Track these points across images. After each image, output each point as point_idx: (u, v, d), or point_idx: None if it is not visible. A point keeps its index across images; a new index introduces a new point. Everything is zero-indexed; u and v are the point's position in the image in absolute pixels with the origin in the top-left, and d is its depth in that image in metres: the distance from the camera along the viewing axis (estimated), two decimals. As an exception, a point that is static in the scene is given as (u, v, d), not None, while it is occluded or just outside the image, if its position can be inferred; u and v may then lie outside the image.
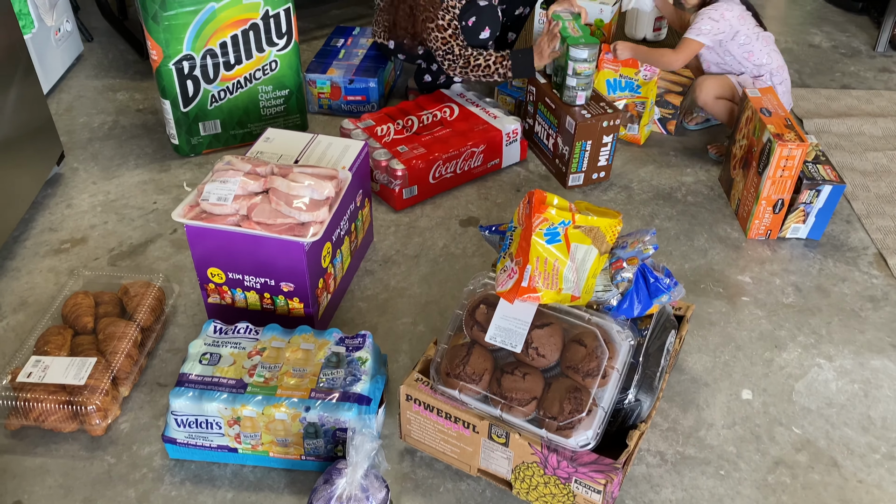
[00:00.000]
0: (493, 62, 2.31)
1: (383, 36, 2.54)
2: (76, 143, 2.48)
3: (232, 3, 2.19)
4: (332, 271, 1.79)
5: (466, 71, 2.34)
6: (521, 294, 1.37)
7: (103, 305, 1.77)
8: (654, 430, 1.60)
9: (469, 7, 2.36)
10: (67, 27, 2.82)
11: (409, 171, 2.15)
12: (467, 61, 2.32)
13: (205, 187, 1.61)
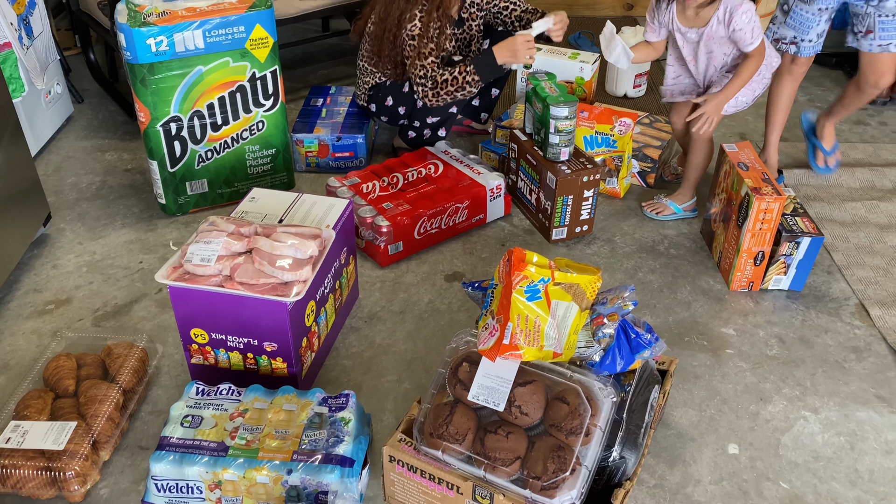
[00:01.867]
0: (458, 73, 2.35)
1: (364, 98, 2.60)
2: (64, 203, 2.49)
3: (219, 66, 2.24)
4: (316, 330, 1.78)
5: (438, 91, 2.37)
6: (502, 352, 1.37)
7: (85, 367, 1.76)
8: (641, 487, 1.59)
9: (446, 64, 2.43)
10: (58, 90, 2.86)
11: (394, 228, 2.17)
12: (435, 81, 2.36)
13: (188, 248, 1.62)
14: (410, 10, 2.34)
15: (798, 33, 2.30)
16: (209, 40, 2.18)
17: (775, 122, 2.52)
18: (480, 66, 2.35)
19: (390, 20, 2.38)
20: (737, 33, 2.10)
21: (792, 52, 2.35)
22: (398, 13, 2.36)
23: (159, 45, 2.12)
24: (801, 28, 2.29)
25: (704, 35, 2.16)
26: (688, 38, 2.20)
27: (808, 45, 2.33)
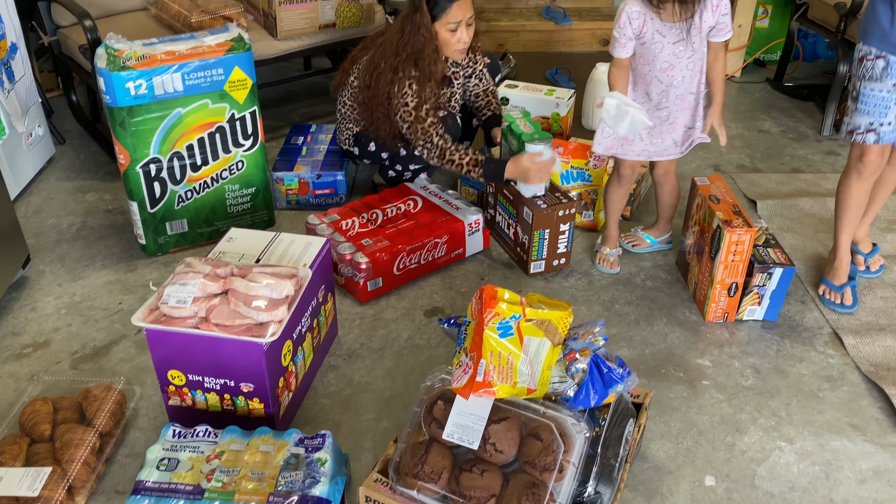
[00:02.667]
0: (466, 163, 2.33)
1: (348, 143, 2.64)
2: (44, 245, 2.50)
3: (198, 107, 2.27)
4: (294, 369, 1.79)
5: (443, 161, 2.38)
6: (476, 389, 1.39)
7: (62, 411, 1.76)
8: (619, 522, 1.59)
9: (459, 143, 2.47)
10: (39, 132, 2.88)
11: (373, 264, 2.18)
12: (443, 153, 2.36)
13: (164, 290, 1.63)
14: (399, 85, 2.36)
15: (874, 118, 1.98)
16: (188, 83, 2.22)
17: (846, 223, 2.18)
18: (489, 171, 2.31)
19: (381, 95, 2.40)
20: (724, 18, 1.99)
21: (871, 141, 2.00)
22: (387, 88, 2.37)
23: (138, 89, 2.15)
24: (876, 111, 1.97)
25: (692, 28, 1.98)
26: (668, 38, 1.99)
27: (888, 130, 1.98)
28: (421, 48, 2.32)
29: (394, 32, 2.37)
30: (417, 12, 2.30)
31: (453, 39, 2.36)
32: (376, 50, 2.43)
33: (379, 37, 2.49)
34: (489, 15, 4.16)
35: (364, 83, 2.46)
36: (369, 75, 2.43)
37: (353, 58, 2.57)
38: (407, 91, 2.36)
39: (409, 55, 2.34)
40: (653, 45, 2.02)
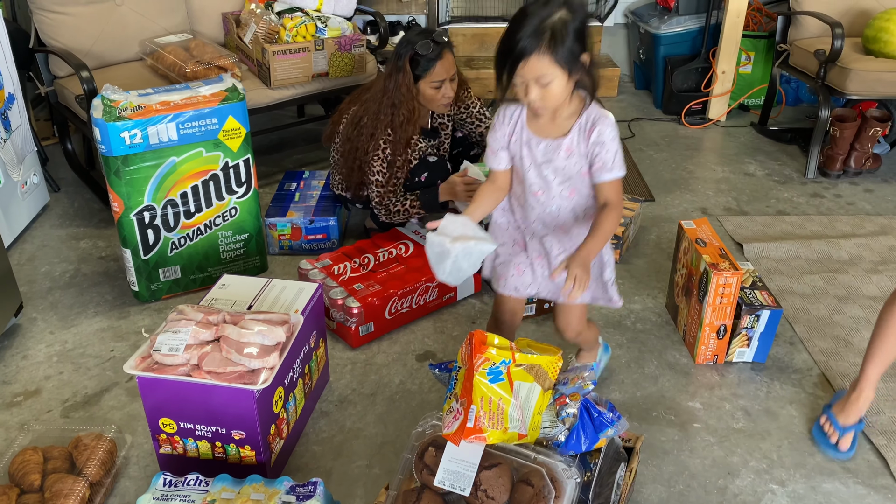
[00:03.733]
0: (408, 206, 2.53)
1: (341, 188, 2.69)
2: (36, 292, 2.51)
3: (192, 156, 2.31)
4: (285, 416, 1.79)
5: (391, 216, 2.56)
6: (467, 435, 1.39)
7: (52, 461, 1.75)
8: (613, 568, 1.58)
9: (421, 164, 2.54)
10: (34, 180, 2.91)
11: (364, 309, 2.20)
12: (388, 209, 2.54)
13: (157, 338, 1.64)
14: (374, 144, 2.45)
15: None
16: (182, 132, 2.26)
17: (879, 352, 1.82)
18: (426, 201, 2.53)
19: (359, 149, 2.50)
20: (598, 147, 1.59)
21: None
22: (365, 144, 2.48)
23: (133, 138, 2.19)
24: None
25: (563, 148, 1.62)
26: (537, 154, 1.64)
27: None
28: (401, 106, 2.40)
29: (377, 91, 2.45)
30: (401, 72, 2.37)
31: (438, 95, 2.44)
32: (360, 105, 2.51)
33: (365, 92, 2.57)
34: (478, 63, 4.25)
35: (345, 135, 2.55)
36: (352, 127, 2.52)
37: (341, 110, 2.64)
38: (378, 154, 2.46)
39: (389, 114, 2.42)
40: (521, 161, 1.67)
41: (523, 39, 1.47)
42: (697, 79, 3.92)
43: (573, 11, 1.49)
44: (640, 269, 2.64)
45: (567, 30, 1.48)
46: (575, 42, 1.49)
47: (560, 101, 1.55)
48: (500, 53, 1.54)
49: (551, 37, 1.47)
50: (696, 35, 3.94)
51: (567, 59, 1.49)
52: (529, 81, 1.51)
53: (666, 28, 3.91)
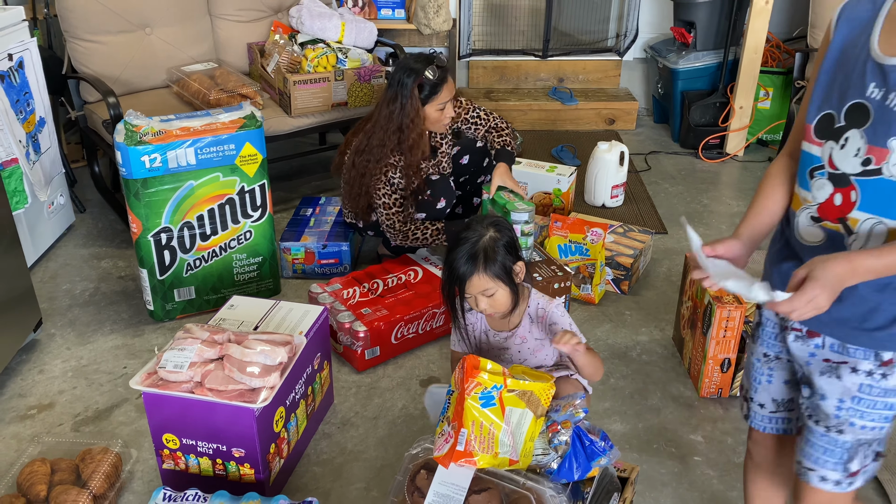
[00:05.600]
0: (429, 235, 2.59)
1: (351, 216, 2.74)
2: (56, 309, 2.58)
3: (210, 180, 2.38)
4: (286, 436, 1.82)
5: (406, 243, 2.60)
6: (456, 458, 1.41)
7: (59, 473, 1.80)
8: None
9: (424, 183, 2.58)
10: (61, 200, 3.01)
11: (370, 333, 2.23)
12: (406, 236, 2.59)
13: (163, 355, 1.69)
14: (377, 172, 2.51)
15: (748, 383, 1.48)
16: (201, 157, 2.33)
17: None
18: (451, 234, 2.55)
19: (366, 175, 2.54)
20: (555, 327, 1.76)
21: (743, 414, 1.50)
22: (371, 168, 2.52)
23: (153, 162, 2.27)
24: (749, 377, 1.47)
25: (517, 337, 1.80)
26: (493, 343, 1.83)
27: (757, 411, 1.45)
28: (409, 132, 2.47)
29: (381, 118, 2.50)
30: (408, 99, 2.44)
31: (441, 116, 2.52)
32: (363, 135, 2.57)
33: (366, 122, 2.62)
34: (498, 95, 4.31)
35: (350, 163, 2.60)
36: (356, 155, 2.57)
37: (347, 140, 2.70)
38: (382, 179, 2.52)
39: (396, 140, 2.49)
40: (482, 345, 1.86)
41: (462, 265, 1.68)
42: (715, 113, 3.93)
43: (500, 230, 1.72)
44: (648, 301, 2.65)
45: (497, 247, 1.69)
46: (507, 255, 1.70)
47: (507, 304, 1.73)
48: (445, 280, 1.74)
49: (485, 257, 1.67)
50: (714, 70, 3.97)
51: (503, 272, 1.69)
52: (476, 295, 1.71)
53: (684, 63, 3.94)
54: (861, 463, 1.30)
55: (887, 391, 1.24)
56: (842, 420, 1.27)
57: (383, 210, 2.55)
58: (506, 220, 2.05)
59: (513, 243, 1.74)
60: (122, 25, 3.06)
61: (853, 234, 1.19)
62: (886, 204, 1.16)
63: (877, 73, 1.15)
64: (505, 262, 1.70)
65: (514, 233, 1.78)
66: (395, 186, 2.53)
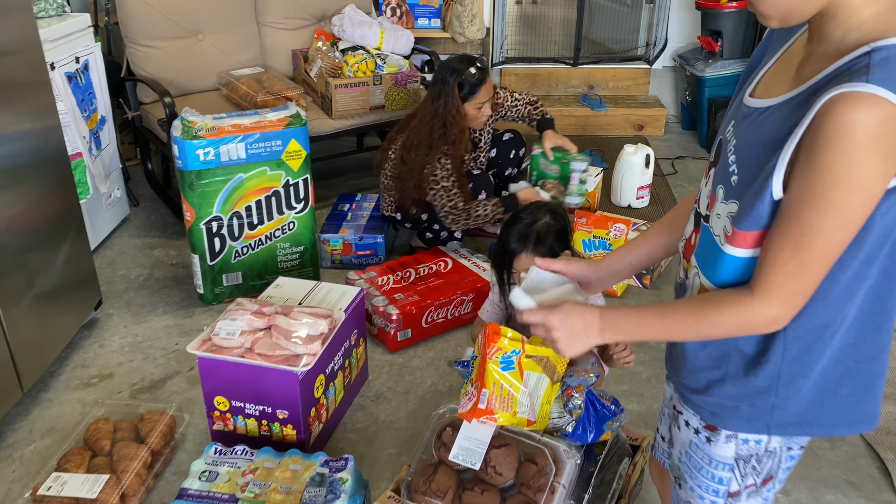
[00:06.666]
0: (490, 209, 2.71)
1: (390, 209, 2.91)
2: (114, 292, 2.79)
3: (258, 173, 2.57)
4: (325, 402, 1.99)
5: (468, 222, 2.71)
6: (478, 415, 1.55)
7: (120, 431, 1.98)
8: (615, 556, 1.70)
9: (466, 177, 2.76)
10: (118, 194, 3.24)
11: (403, 316, 2.39)
12: (469, 213, 2.70)
13: (217, 324, 1.87)
14: (432, 160, 2.67)
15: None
16: (250, 152, 2.52)
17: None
18: (507, 203, 2.72)
19: (415, 168, 2.70)
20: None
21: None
22: (421, 162, 2.69)
23: (207, 155, 2.47)
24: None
25: None
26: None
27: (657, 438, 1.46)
28: (451, 127, 2.63)
29: (426, 114, 2.68)
30: (450, 96, 2.61)
31: (480, 114, 2.68)
32: (411, 131, 2.73)
33: (411, 119, 2.79)
34: (529, 101, 4.46)
35: (400, 159, 2.75)
36: (405, 151, 2.72)
37: (390, 138, 2.88)
38: (437, 165, 2.66)
39: (441, 133, 2.64)
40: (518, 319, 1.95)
41: (513, 242, 1.84)
42: (741, 120, 4.03)
43: (555, 217, 1.87)
44: (669, 295, 2.75)
45: (549, 232, 1.84)
46: (556, 241, 1.85)
47: None
48: (497, 252, 1.90)
49: (537, 239, 1.82)
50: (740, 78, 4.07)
51: (549, 256, 1.81)
52: (521, 272, 1.83)
53: (711, 71, 4.05)
54: None
55: (711, 460, 1.16)
56: (680, 473, 1.25)
57: (444, 193, 2.67)
58: (561, 208, 2.16)
59: (565, 230, 1.90)
60: (176, 32, 3.29)
61: (687, 279, 1.12)
62: (704, 256, 1.07)
63: (739, 112, 1.06)
64: (553, 247, 1.85)
65: (567, 221, 1.93)
66: (450, 171, 2.68)
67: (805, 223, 0.90)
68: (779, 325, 0.99)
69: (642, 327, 1.07)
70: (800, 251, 0.91)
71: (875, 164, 0.85)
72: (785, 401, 1.05)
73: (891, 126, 0.83)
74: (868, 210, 0.90)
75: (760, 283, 0.95)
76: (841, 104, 0.84)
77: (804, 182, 0.89)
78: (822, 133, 0.86)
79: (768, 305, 0.95)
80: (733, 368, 1.07)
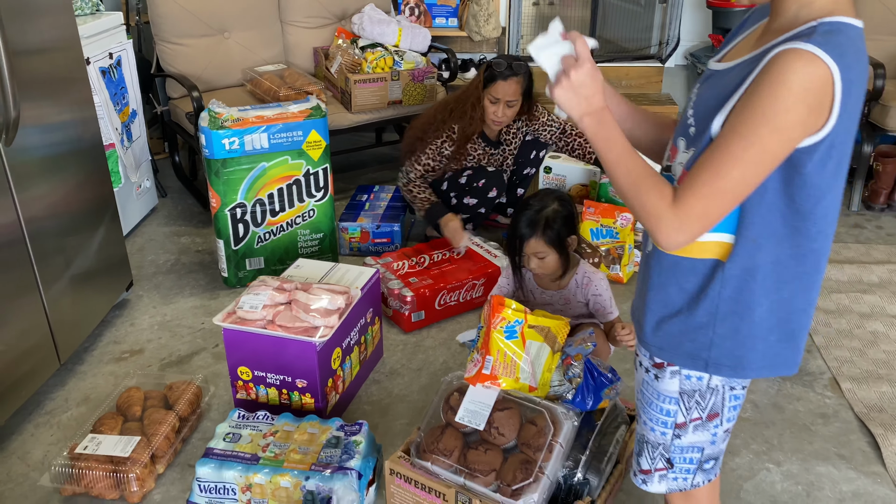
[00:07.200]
0: (417, 201, 2.88)
1: None
2: (143, 275, 2.94)
3: (279, 162, 2.71)
4: (341, 374, 2.11)
5: (403, 190, 2.97)
6: (482, 380, 1.67)
7: (150, 400, 2.12)
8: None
9: (479, 172, 2.87)
10: (147, 184, 3.39)
11: (417, 298, 2.51)
12: (409, 185, 2.92)
13: (241, 298, 2.00)
14: (435, 136, 2.86)
15: None
16: (273, 141, 2.66)
17: None
18: (430, 211, 2.85)
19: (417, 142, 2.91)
20: (596, 298, 2.09)
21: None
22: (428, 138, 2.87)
23: (232, 144, 2.60)
24: None
25: (562, 298, 2.12)
26: (541, 299, 2.14)
27: None
28: (465, 101, 2.79)
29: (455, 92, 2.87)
30: (477, 77, 2.79)
31: (489, 110, 2.78)
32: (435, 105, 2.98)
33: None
34: (545, 98, 4.56)
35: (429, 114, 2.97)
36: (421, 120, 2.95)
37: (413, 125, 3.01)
38: (435, 143, 2.84)
39: (453, 105, 2.81)
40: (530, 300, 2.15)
41: (524, 227, 2.00)
42: (751, 117, 4.11)
43: (563, 204, 2.03)
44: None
45: (556, 218, 1.99)
46: (563, 227, 2.00)
47: (554, 269, 2.07)
48: (509, 236, 2.07)
49: (545, 225, 1.98)
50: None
51: (557, 240, 2.00)
52: (530, 255, 2.03)
53: (722, 69, 4.13)
54: (649, 463, 1.33)
55: (659, 394, 1.26)
56: (638, 411, 1.35)
57: (417, 163, 2.88)
58: (568, 195, 2.28)
59: (571, 217, 2.05)
60: (204, 30, 3.44)
61: None
62: None
63: (704, 76, 1.18)
64: (560, 233, 2.02)
65: (574, 208, 2.08)
66: (440, 155, 2.83)
67: (729, 151, 1.02)
68: (674, 239, 1.08)
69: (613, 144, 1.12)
70: (718, 177, 1.03)
71: (800, 112, 0.99)
72: (722, 338, 1.17)
73: (819, 83, 0.97)
74: (783, 153, 1.02)
75: (677, 198, 1.06)
76: (784, 56, 0.98)
77: (738, 117, 1.02)
78: (763, 79, 1.00)
79: (675, 217, 1.06)
80: (678, 305, 1.19)
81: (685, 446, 1.28)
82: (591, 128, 1.12)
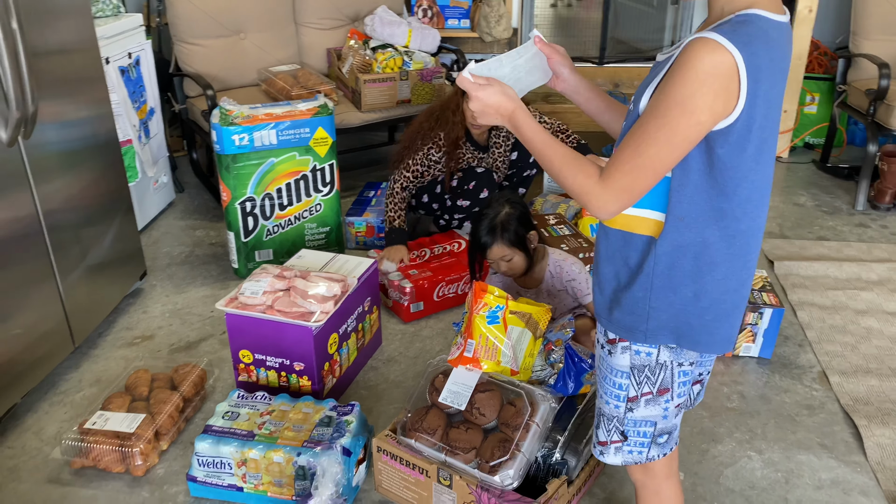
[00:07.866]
0: (388, 215, 2.89)
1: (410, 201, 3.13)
2: (157, 266, 3.06)
3: (288, 158, 2.81)
4: (338, 359, 2.20)
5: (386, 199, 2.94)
6: (464, 363, 1.75)
7: (157, 381, 2.23)
8: (593, 499, 1.87)
9: (469, 174, 2.94)
10: (164, 179, 3.52)
11: (416, 290, 2.59)
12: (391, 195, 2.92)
13: (243, 285, 2.10)
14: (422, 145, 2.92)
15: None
16: (281, 138, 2.76)
17: None
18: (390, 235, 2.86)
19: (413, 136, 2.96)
20: (572, 283, 2.18)
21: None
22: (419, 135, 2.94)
23: (242, 140, 2.71)
24: None
25: (545, 294, 2.24)
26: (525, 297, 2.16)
27: None
28: (448, 106, 2.86)
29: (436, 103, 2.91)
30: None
31: (468, 113, 2.85)
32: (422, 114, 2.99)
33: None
34: (555, 98, 4.62)
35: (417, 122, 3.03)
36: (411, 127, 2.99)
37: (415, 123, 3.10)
38: (422, 150, 2.91)
39: (441, 115, 2.88)
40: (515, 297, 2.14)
41: (484, 236, 2.16)
42: (760, 117, 4.13)
43: (513, 206, 2.16)
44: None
45: (511, 220, 2.14)
46: (520, 226, 2.14)
47: (523, 266, 2.20)
48: (470, 248, 2.22)
49: (502, 229, 2.13)
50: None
51: (518, 240, 2.15)
52: (497, 261, 2.18)
53: (731, 69, 4.16)
54: (606, 435, 1.39)
55: (612, 369, 1.33)
56: (597, 384, 1.42)
57: (405, 170, 2.93)
58: (518, 196, 2.44)
59: (525, 216, 2.18)
60: (220, 31, 3.56)
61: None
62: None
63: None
64: (518, 232, 2.14)
65: (526, 207, 2.21)
66: (428, 160, 2.91)
67: (646, 131, 1.12)
68: (604, 209, 1.18)
69: (532, 140, 1.25)
70: (637, 154, 1.13)
71: (706, 96, 1.07)
72: (657, 311, 1.25)
73: (722, 69, 1.06)
74: (694, 134, 1.10)
75: (605, 173, 1.17)
76: (693, 44, 1.08)
77: (655, 101, 1.12)
78: (676, 65, 1.10)
79: (603, 190, 1.16)
80: (623, 279, 1.27)
81: (638, 419, 1.35)
82: (512, 129, 1.28)
